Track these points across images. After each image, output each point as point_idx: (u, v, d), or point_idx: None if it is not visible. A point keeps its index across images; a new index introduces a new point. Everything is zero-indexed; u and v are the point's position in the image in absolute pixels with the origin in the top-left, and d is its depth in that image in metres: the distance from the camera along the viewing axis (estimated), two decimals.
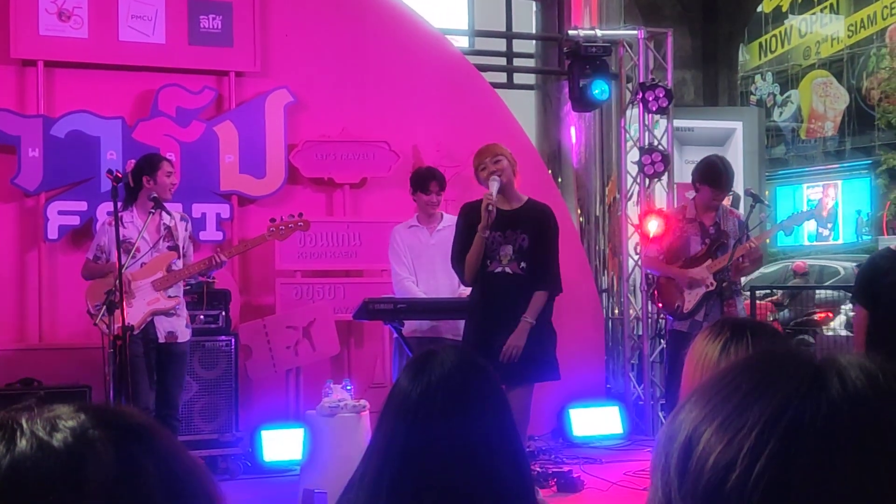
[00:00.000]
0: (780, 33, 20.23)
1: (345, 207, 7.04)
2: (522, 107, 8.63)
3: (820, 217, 13.23)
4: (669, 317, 6.13)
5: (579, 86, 7.44)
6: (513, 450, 1.76)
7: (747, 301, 7.88)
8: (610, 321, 7.89)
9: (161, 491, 0.71)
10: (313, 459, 5.10)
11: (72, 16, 6.51)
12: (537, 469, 5.62)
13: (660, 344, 7.39)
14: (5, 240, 6.44)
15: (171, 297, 5.31)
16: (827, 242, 18.52)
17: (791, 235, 14.26)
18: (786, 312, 11.47)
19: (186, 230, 5.48)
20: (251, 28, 6.85)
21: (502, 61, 8.99)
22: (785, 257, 15.03)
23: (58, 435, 0.70)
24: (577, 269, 7.03)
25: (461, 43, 8.84)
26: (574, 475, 5.60)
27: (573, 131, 8.20)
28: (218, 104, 6.87)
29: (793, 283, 12.71)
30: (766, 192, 13.58)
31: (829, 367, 0.68)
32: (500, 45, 9.12)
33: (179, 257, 5.37)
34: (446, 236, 5.50)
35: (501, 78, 8.81)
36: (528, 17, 9.05)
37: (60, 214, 6.42)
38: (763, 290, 11.04)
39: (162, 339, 5.27)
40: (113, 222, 4.96)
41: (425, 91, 7.22)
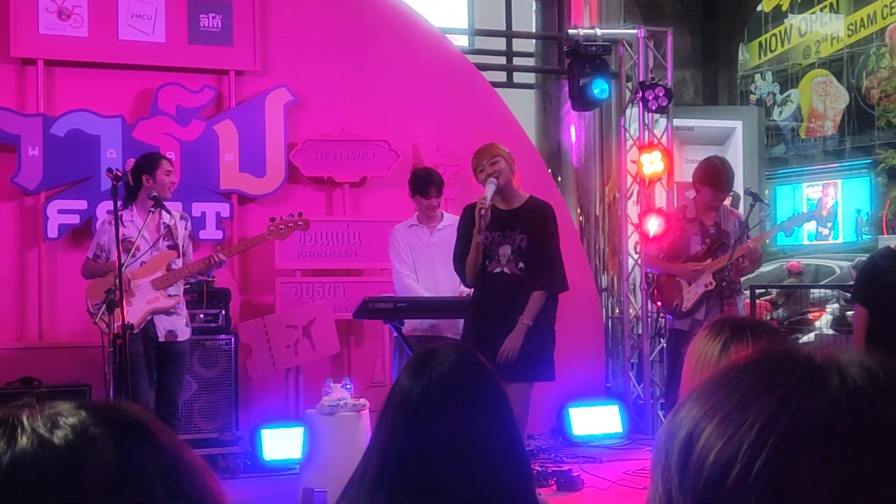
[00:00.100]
0: (779, 32, 20.22)
1: (344, 206, 7.04)
2: (522, 106, 8.62)
3: (820, 217, 13.23)
4: (669, 316, 6.13)
5: (579, 85, 7.44)
6: (513, 448, 1.76)
7: (747, 301, 7.87)
8: (610, 320, 7.90)
9: (162, 488, 0.71)
10: (313, 458, 5.10)
11: (72, 14, 6.51)
12: (537, 468, 5.62)
13: (660, 343, 7.39)
14: (5, 239, 6.44)
15: (171, 295, 5.31)
16: (827, 242, 18.52)
17: (791, 235, 14.26)
18: (781, 311, 11.51)
19: (186, 229, 5.48)
20: (251, 27, 6.84)
21: (502, 60, 8.98)
22: (785, 256, 15.02)
23: (59, 432, 0.70)
24: (576, 269, 7.02)
25: (461, 42, 8.84)
26: (574, 474, 5.60)
27: (573, 130, 8.20)
28: (218, 103, 6.87)
29: (787, 282, 12.74)
30: (766, 191, 13.59)
31: (829, 365, 0.68)
32: (500, 44, 9.11)
33: (179, 256, 5.37)
34: (446, 235, 5.50)
35: (501, 77, 8.80)
36: (527, 16, 9.04)
37: (60, 213, 6.42)
38: (762, 289, 11.06)
39: (162, 338, 5.28)
40: (113, 221, 4.96)
41: (425, 90, 7.22)
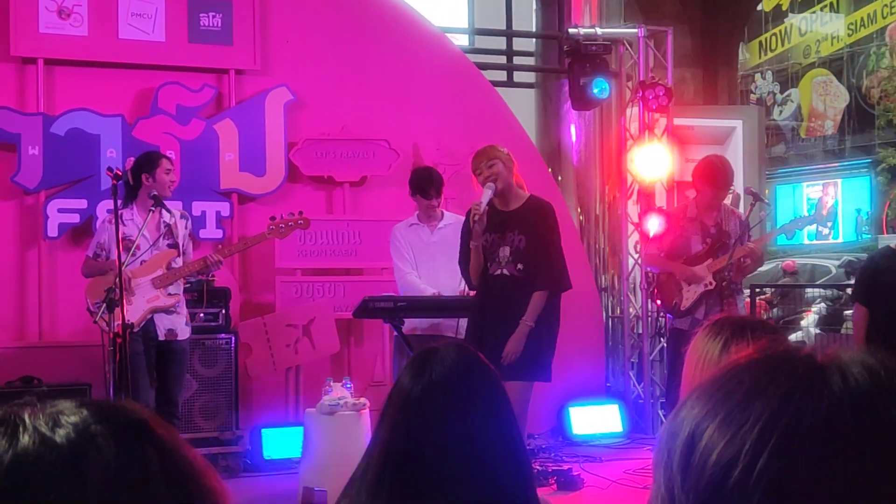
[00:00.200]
0: (779, 32, 20.22)
1: (345, 206, 7.04)
2: (522, 105, 8.62)
3: (820, 218, 13.23)
4: (669, 315, 6.13)
5: (579, 84, 7.45)
6: (514, 447, 1.76)
7: (747, 300, 7.87)
8: (610, 320, 7.89)
9: (163, 486, 0.71)
10: (313, 457, 5.11)
11: (72, 13, 6.51)
12: (537, 467, 5.62)
13: (660, 342, 7.39)
14: (5, 238, 6.44)
15: (171, 294, 5.31)
16: (827, 241, 18.52)
17: (792, 238, 14.27)
18: (777, 311, 11.55)
19: (186, 228, 5.48)
20: (251, 26, 6.84)
21: (502, 59, 8.99)
22: (784, 256, 15.03)
23: (60, 430, 0.70)
24: (577, 268, 7.01)
25: (461, 41, 8.85)
26: (574, 473, 5.60)
27: (573, 130, 8.20)
28: (218, 102, 6.87)
29: (782, 281, 12.78)
30: (766, 190, 13.58)
31: (830, 364, 0.68)
32: (501, 43, 9.12)
33: (179, 255, 5.37)
34: (447, 234, 5.50)
35: (501, 76, 8.80)
36: (528, 15, 9.04)
37: (60, 212, 6.42)
38: (760, 288, 11.08)
39: (162, 337, 5.28)
40: (113, 220, 4.96)
41: (425, 89, 7.22)
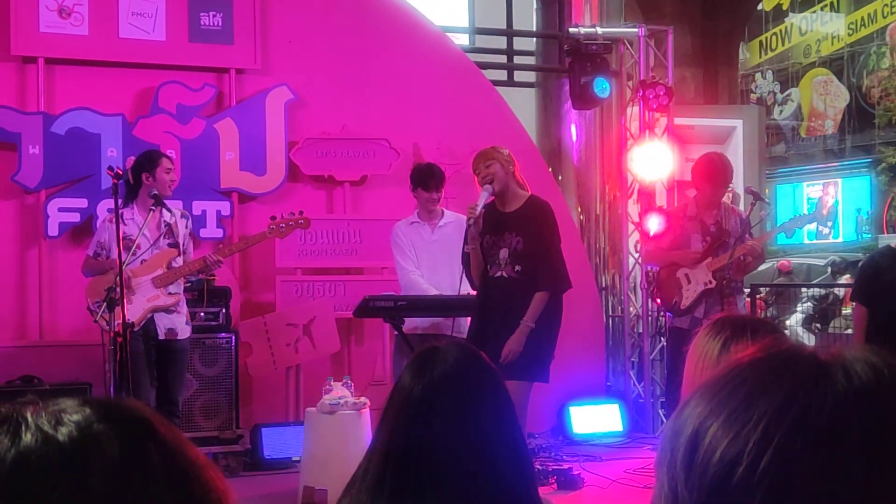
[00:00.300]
0: (780, 31, 20.22)
1: (345, 205, 7.04)
2: (523, 104, 8.62)
3: (820, 217, 13.25)
4: (669, 314, 6.13)
5: (580, 83, 7.44)
6: (515, 447, 1.76)
7: (748, 300, 7.87)
8: (610, 319, 7.89)
9: (166, 484, 0.71)
10: (313, 456, 5.10)
11: (72, 13, 6.51)
12: (538, 466, 5.62)
13: (660, 342, 7.39)
14: (6, 237, 6.44)
15: (172, 294, 5.31)
16: (827, 241, 18.52)
17: (792, 236, 14.29)
18: (773, 310, 11.60)
19: (187, 227, 5.48)
20: (251, 25, 6.84)
21: (503, 59, 8.98)
22: (785, 255, 15.04)
23: (63, 429, 0.70)
24: (577, 268, 7.01)
25: (462, 40, 8.84)
26: (574, 473, 5.60)
27: (574, 129, 8.19)
28: (218, 101, 6.87)
29: (777, 281, 12.82)
30: (767, 190, 13.59)
31: (834, 362, 0.68)
32: (501, 42, 9.11)
33: (180, 254, 5.37)
34: (448, 233, 5.50)
35: (502, 76, 8.80)
36: (528, 14, 9.03)
37: (61, 211, 6.42)
38: (759, 287, 11.11)
39: (162, 336, 5.28)
40: (113, 219, 4.96)
41: (426, 89, 7.22)
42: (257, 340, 6.35)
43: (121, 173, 4.92)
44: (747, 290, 7.25)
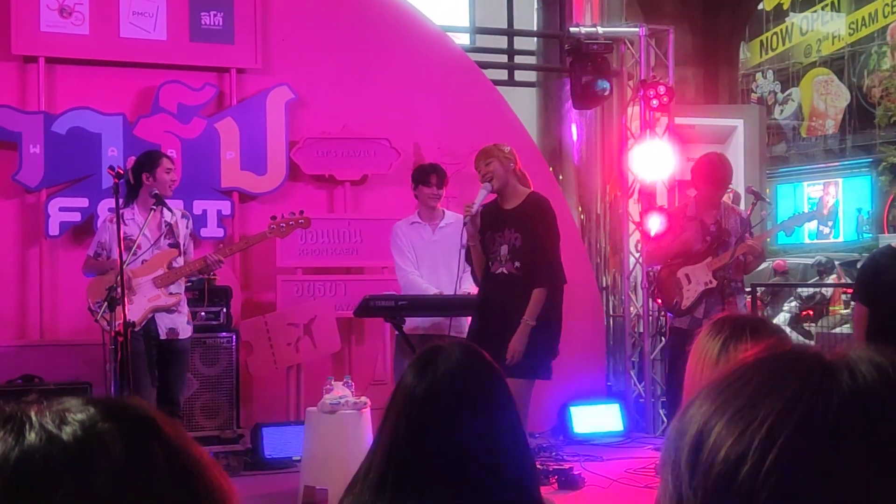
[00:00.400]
0: (780, 31, 20.22)
1: (346, 204, 7.04)
2: (523, 104, 8.62)
3: (821, 216, 13.25)
4: (669, 314, 6.13)
5: (580, 83, 7.44)
6: (517, 446, 1.76)
7: (749, 299, 7.86)
8: (611, 319, 7.89)
9: (170, 483, 0.71)
10: (314, 456, 5.10)
11: (73, 12, 6.51)
12: (538, 466, 5.62)
13: (661, 341, 7.39)
14: (6, 236, 6.44)
15: (172, 293, 5.31)
16: (827, 240, 18.51)
17: (792, 234, 14.30)
18: (768, 310, 11.64)
19: (187, 227, 5.48)
20: (252, 25, 6.85)
21: (503, 58, 8.98)
22: (786, 255, 15.04)
23: (67, 428, 0.70)
24: (577, 267, 7.02)
25: (462, 40, 8.84)
26: (575, 472, 5.60)
27: (574, 129, 8.19)
28: (219, 101, 6.87)
29: (773, 281, 12.85)
30: (767, 189, 13.58)
31: (839, 362, 0.68)
32: (502, 42, 9.11)
33: (180, 254, 5.37)
34: (449, 233, 5.50)
35: (502, 75, 8.80)
36: (529, 14, 9.04)
37: (61, 211, 6.42)
38: (760, 287, 11.14)
39: (163, 336, 5.28)
40: (113, 220, 4.96)
41: (426, 88, 7.22)
42: (258, 340, 6.35)
43: (122, 173, 4.92)
44: (748, 290, 7.24)
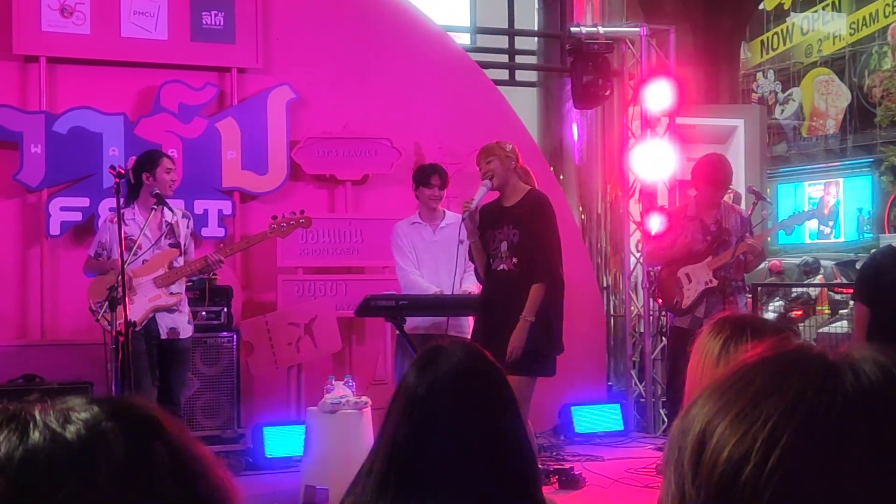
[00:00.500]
0: (781, 31, 20.22)
1: (346, 204, 7.04)
2: (524, 104, 8.62)
3: (821, 215, 13.24)
4: (670, 313, 6.13)
5: (581, 83, 7.44)
6: (519, 445, 1.76)
7: (750, 299, 7.86)
8: (612, 319, 7.89)
9: (173, 482, 0.71)
10: (315, 456, 5.11)
11: (74, 12, 6.51)
12: (539, 466, 5.61)
13: (661, 341, 7.39)
14: (7, 236, 6.44)
15: (173, 293, 5.31)
16: (828, 240, 18.52)
17: (792, 234, 14.31)
18: (765, 310, 11.69)
19: (188, 227, 5.47)
20: (253, 24, 6.85)
21: (504, 58, 8.98)
22: (786, 255, 15.03)
23: (71, 427, 0.70)
24: (578, 267, 7.02)
25: (463, 40, 8.84)
26: (575, 472, 5.60)
27: (575, 128, 8.19)
28: (220, 100, 6.87)
29: (768, 281, 12.89)
30: (768, 189, 13.58)
31: (842, 362, 0.68)
32: (502, 42, 9.11)
33: (181, 254, 5.37)
34: (449, 234, 5.50)
35: (503, 75, 8.81)
36: (530, 14, 9.04)
37: (62, 210, 6.42)
38: (758, 287, 11.18)
39: (164, 336, 5.27)
40: (114, 220, 4.95)
41: (427, 88, 7.22)
42: (259, 339, 6.35)
43: (123, 172, 4.92)
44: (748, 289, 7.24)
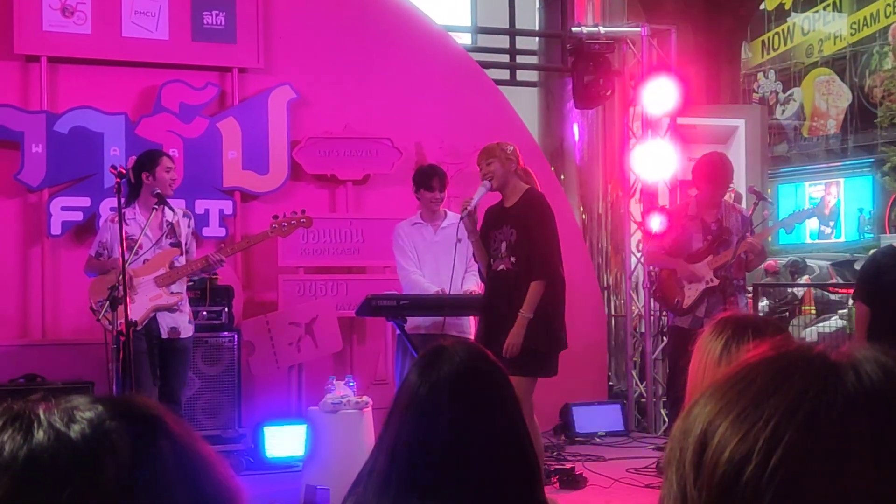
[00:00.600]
0: (782, 31, 20.21)
1: (347, 204, 7.04)
2: (525, 104, 8.62)
3: (822, 215, 13.24)
4: (670, 313, 6.13)
5: (582, 82, 7.44)
6: (520, 445, 1.76)
7: (751, 298, 7.86)
8: (612, 318, 7.89)
9: (178, 481, 0.71)
10: (316, 456, 5.11)
11: (75, 11, 6.51)
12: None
13: (662, 341, 7.38)
14: (8, 236, 6.44)
15: (174, 293, 5.31)
16: (829, 240, 18.51)
17: (792, 233, 14.30)
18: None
19: (189, 227, 5.47)
20: (254, 24, 6.85)
21: (505, 58, 8.98)
22: (787, 254, 15.03)
23: (75, 426, 0.70)
24: (579, 267, 7.03)
25: (464, 40, 8.85)
26: (576, 472, 5.60)
27: (576, 128, 8.20)
28: (221, 100, 6.87)
29: (764, 281, 12.92)
30: (769, 189, 13.58)
31: (844, 362, 0.68)
32: (503, 41, 9.11)
33: (182, 254, 5.37)
34: (451, 234, 5.50)
35: (504, 75, 8.80)
36: (531, 13, 9.04)
37: (63, 210, 6.43)
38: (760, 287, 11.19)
39: (165, 335, 5.28)
40: (115, 219, 4.95)
41: (428, 88, 7.22)
42: (260, 339, 6.35)
43: (124, 172, 4.92)
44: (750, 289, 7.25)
